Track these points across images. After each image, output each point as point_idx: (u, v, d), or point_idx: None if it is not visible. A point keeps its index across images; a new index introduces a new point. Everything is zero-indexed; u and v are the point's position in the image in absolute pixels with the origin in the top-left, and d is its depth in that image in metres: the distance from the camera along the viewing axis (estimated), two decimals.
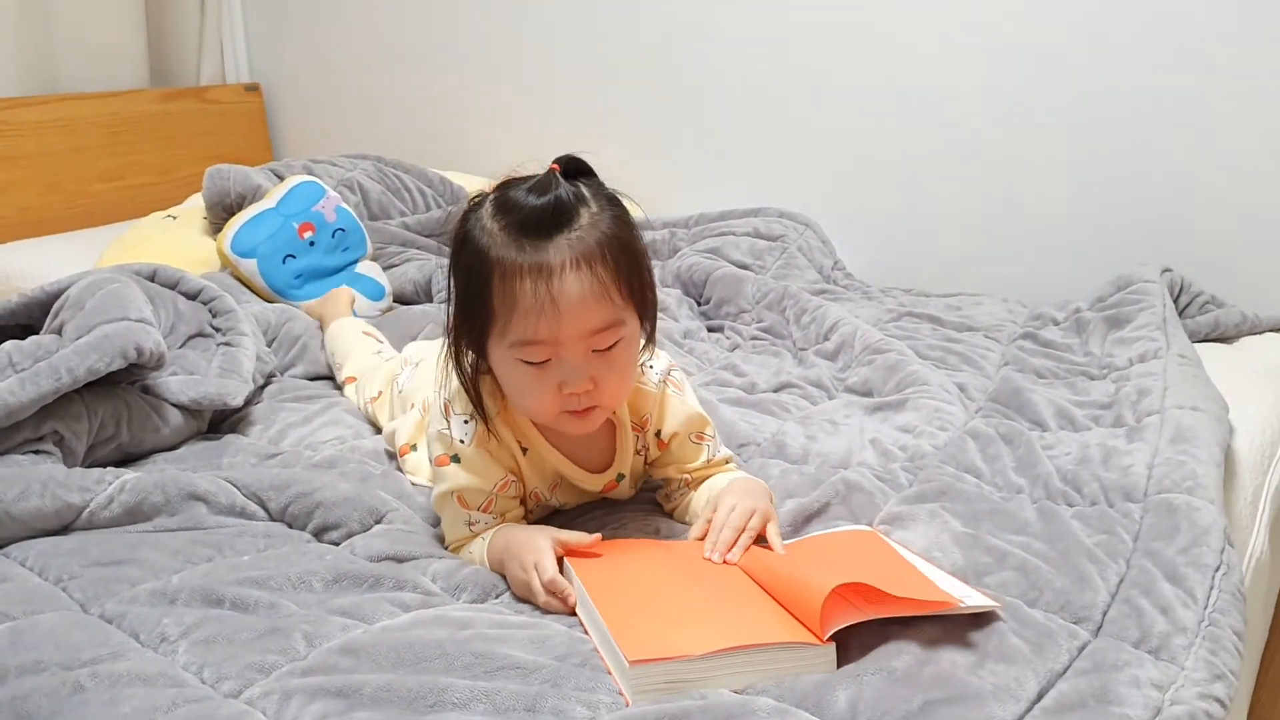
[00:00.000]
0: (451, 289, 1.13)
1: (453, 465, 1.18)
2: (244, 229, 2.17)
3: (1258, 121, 2.05)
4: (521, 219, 1.06)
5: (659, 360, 1.27)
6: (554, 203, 1.05)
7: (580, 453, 1.24)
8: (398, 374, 1.56)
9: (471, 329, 1.12)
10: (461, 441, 1.17)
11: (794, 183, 2.59)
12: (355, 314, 2.05)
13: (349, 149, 2.90)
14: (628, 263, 1.09)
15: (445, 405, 1.19)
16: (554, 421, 1.14)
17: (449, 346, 1.16)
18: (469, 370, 1.16)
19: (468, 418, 1.18)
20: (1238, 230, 2.11)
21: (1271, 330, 1.96)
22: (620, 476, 1.27)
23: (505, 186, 1.09)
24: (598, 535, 1.12)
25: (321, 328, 1.94)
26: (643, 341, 1.19)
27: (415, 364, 1.53)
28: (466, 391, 1.17)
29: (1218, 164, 2.10)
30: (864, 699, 0.85)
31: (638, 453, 1.28)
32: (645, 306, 1.15)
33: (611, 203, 1.11)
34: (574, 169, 1.12)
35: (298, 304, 2.12)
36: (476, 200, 1.12)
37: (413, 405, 1.46)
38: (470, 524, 1.19)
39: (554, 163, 1.11)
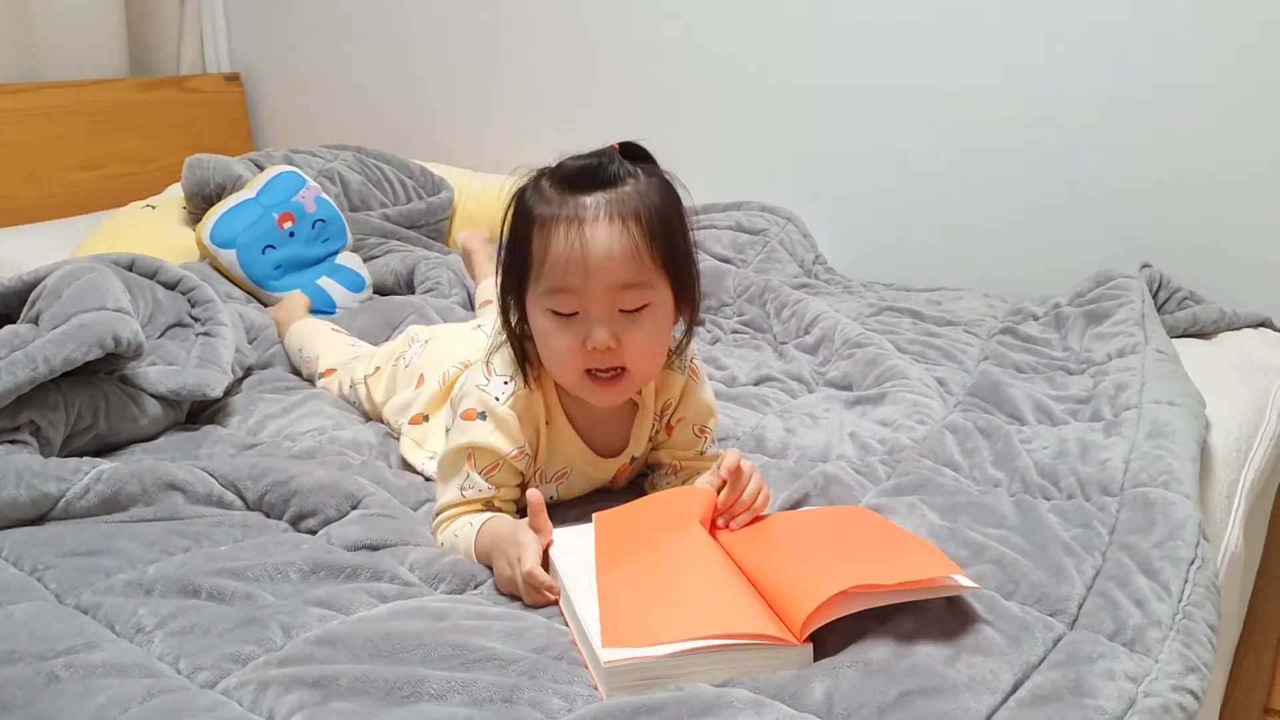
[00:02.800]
0: (503, 248, 1.17)
1: (479, 420, 1.19)
2: (223, 219, 2.16)
3: (1237, 120, 2.06)
4: (566, 174, 1.12)
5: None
6: (599, 161, 1.11)
7: (597, 436, 1.25)
8: (403, 350, 1.57)
9: (514, 282, 1.16)
10: (497, 399, 1.18)
11: (776, 177, 2.59)
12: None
13: (330, 139, 2.88)
14: (665, 233, 1.12)
15: (488, 364, 1.22)
16: (579, 384, 1.15)
17: (499, 303, 1.19)
18: (515, 329, 1.19)
19: (508, 378, 1.20)
20: (1216, 227, 2.12)
21: (1249, 326, 1.98)
22: (633, 459, 1.29)
23: (564, 160, 1.14)
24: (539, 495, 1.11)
25: (279, 333, 1.94)
26: (683, 331, 1.22)
27: (424, 341, 1.56)
28: (511, 343, 1.19)
29: (1198, 161, 2.11)
30: (840, 691, 0.85)
31: (649, 438, 1.29)
32: (682, 285, 1.17)
33: (663, 183, 1.16)
34: (632, 152, 1.16)
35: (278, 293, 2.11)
36: (538, 172, 1.16)
37: (422, 379, 1.48)
38: (464, 488, 1.19)
39: (616, 144, 1.16)
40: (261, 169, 2.35)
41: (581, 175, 1.11)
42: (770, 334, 1.96)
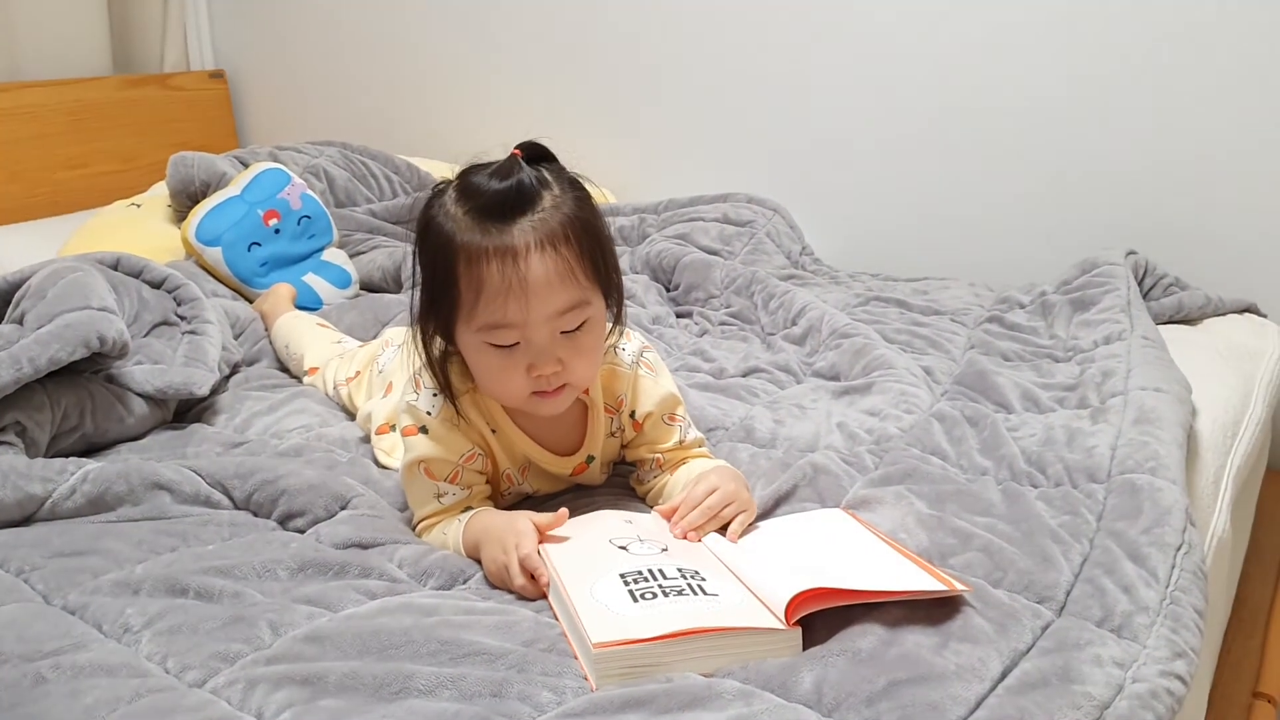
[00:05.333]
0: (417, 275, 1.14)
1: (420, 435, 1.19)
2: (208, 217, 2.15)
3: (1221, 104, 2.06)
4: (484, 203, 1.07)
5: (632, 342, 1.28)
6: (516, 186, 1.07)
7: (548, 436, 1.25)
8: (378, 354, 1.56)
9: (439, 314, 1.13)
10: (429, 414, 1.18)
11: (763, 168, 2.59)
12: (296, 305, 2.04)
13: (315, 136, 2.87)
14: (591, 243, 1.11)
15: (415, 378, 1.21)
16: (524, 404, 1.16)
17: (416, 331, 1.17)
18: (435, 353, 1.18)
19: (436, 391, 1.19)
20: (1201, 213, 2.12)
21: (1234, 312, 1.98)
22: (590, 459, 1.28)
23: (467, 173, 1.11)
24: (564, 510, 1.12)
25: (265, 325, 1.94)
26: (611, 323, 1.20)
27: (398, 345, 1.54)
28: (434, 375, 1.18)
29: (1182, 148, 2.11)
30: (829, 680, 0.85)
31: (612, 435, 1.28)
32: (610, 287, 1.16)
33: (573, 185, 1.13)
34: (535, 154, 1.13)
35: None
36: (440, 187, 1.13)
37: (390, 386, 1.47)
38: (439, 496, 1.19)
39: (516, 148, 1.12)
40: (246, 166, 2.34)
41: (501, 203, 1.07)
42: (758, 325, 1.96)
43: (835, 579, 0.94)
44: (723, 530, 1.13)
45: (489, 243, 1.06)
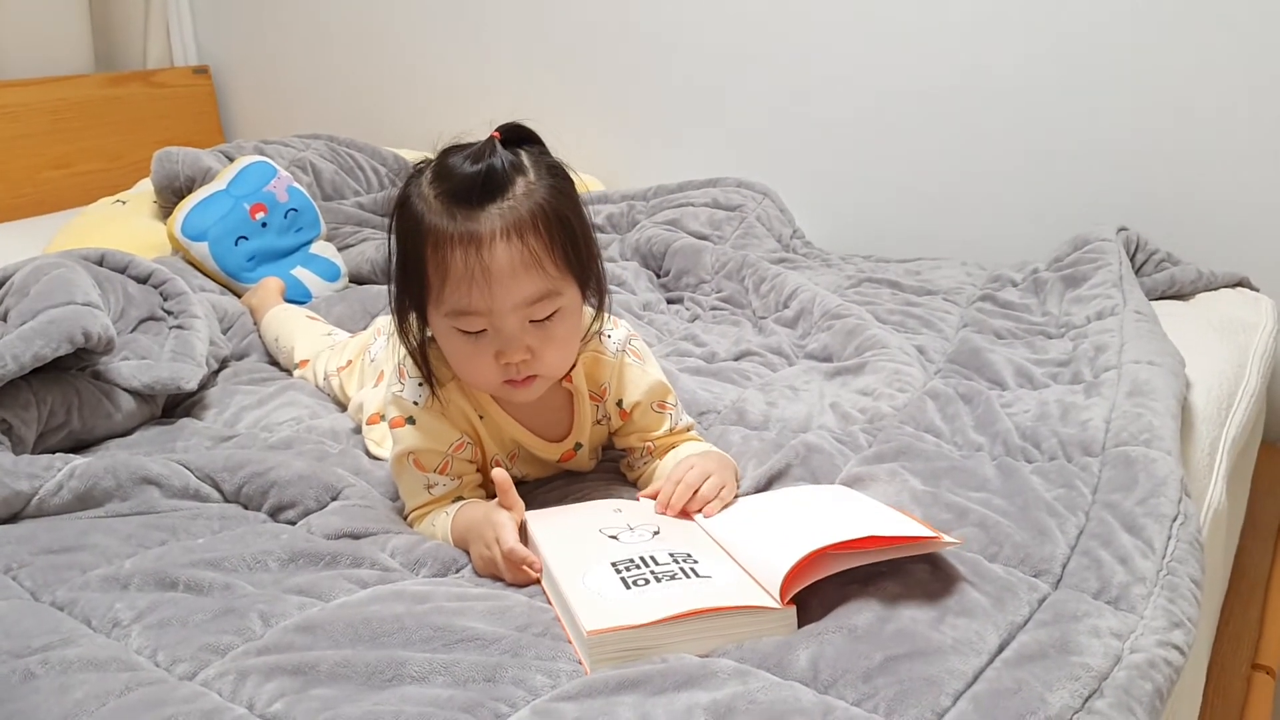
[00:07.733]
0: (392, 255, 1.13)
1: (408, 426, 1.18)
2: (194, 212, 2.13)
3: (1211, 80, 2.05)
4: (454, 187, 1.06)
5: (618, 330, 1.26)
6: (486, 171, 1.05)
7: (537, 421, 1.23)
8: (370, 344, 1.55)
9: (411, 295, 1.12)
10: (415, 403, 1.17)
11: (752, 152, 2.58)
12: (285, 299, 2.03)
13: (302, 129, 2.85)
14: (563, 233, 1.09)
15: (399, 368, 1.20)
16: (497, 391, 1.15)
17: (394, 313, 1.16)
18: (415, 337, 1.17)
19: (421, 380, 1.18)
20: (1192, 188, 2.12)
21: (1227, 286, 1.98)
22: (578, 446, 1.27)
23: (446, 153, 1.09)
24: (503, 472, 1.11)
25: (254, 319, 1.92)
26: (592, 311, 1.19)
27: (388, 335, 1.52)
28: (413, 358, 1.17)
29: (1172, 123, 2.11)
30: (825, 657, 0.85)
31: (598, 422, 1.27)
32: (587, 276, 1.14)
33: (551, 172, 1.10)
34: (516, 136, 1.11)
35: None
36: (420, 166, 1.12)
37: (381, 375, 1.46)
38: (429, 487, 1.18)
39: (496, 130, 1.10)
40: (232, 160, 2.32)
41: (470, 188, 1.05)
42: (749, 309, 1.95)
43: (824, 538, 0.93)
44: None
45: (455, 229, 1.05)
